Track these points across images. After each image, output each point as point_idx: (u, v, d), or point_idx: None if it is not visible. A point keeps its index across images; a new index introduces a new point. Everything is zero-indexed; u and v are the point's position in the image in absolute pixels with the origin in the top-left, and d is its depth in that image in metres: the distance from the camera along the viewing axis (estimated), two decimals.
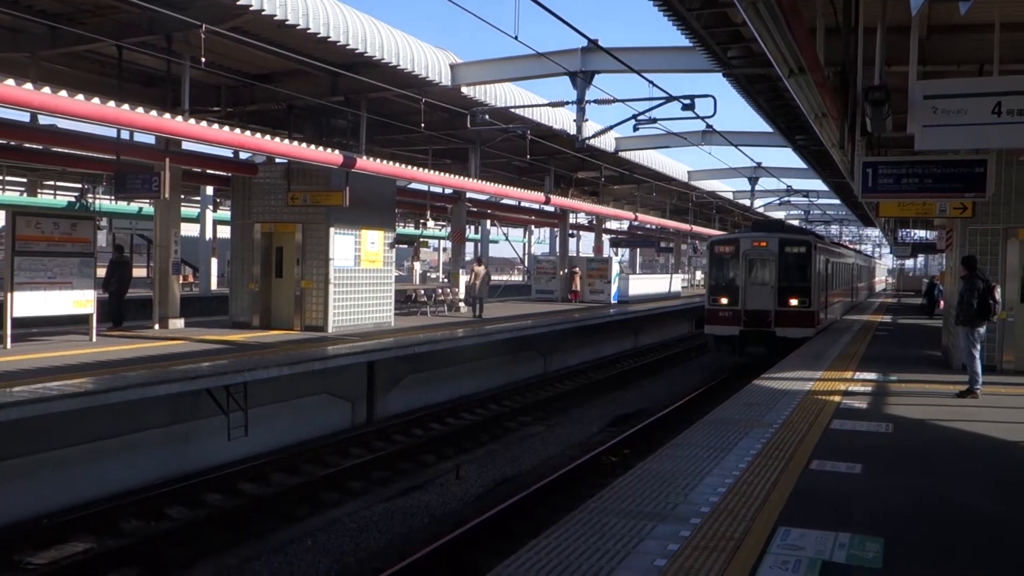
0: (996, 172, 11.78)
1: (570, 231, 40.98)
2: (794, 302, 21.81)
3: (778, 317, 21.84)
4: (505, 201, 35.54)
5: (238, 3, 14.14)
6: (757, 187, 38.03)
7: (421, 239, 50.83)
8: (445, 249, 58.99)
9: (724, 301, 22.38)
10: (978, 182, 10.97)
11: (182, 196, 20.32)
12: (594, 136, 20.90)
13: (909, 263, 77.20)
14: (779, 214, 50.49)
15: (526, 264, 57.88)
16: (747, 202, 43.99)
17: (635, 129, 18.88)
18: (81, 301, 15.31)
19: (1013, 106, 8.51)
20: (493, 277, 28.96)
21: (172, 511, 10.77)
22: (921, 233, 49.43)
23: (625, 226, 49.98)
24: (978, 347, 12.43)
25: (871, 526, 6.24)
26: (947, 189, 11.19)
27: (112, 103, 12.81)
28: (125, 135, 17.27)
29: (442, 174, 24.35)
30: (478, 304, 24.10)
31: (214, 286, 33.23)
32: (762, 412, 10.88)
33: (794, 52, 9.05)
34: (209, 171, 20.55)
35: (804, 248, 22.27)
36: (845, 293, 33.54)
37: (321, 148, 17.53)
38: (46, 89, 11.71)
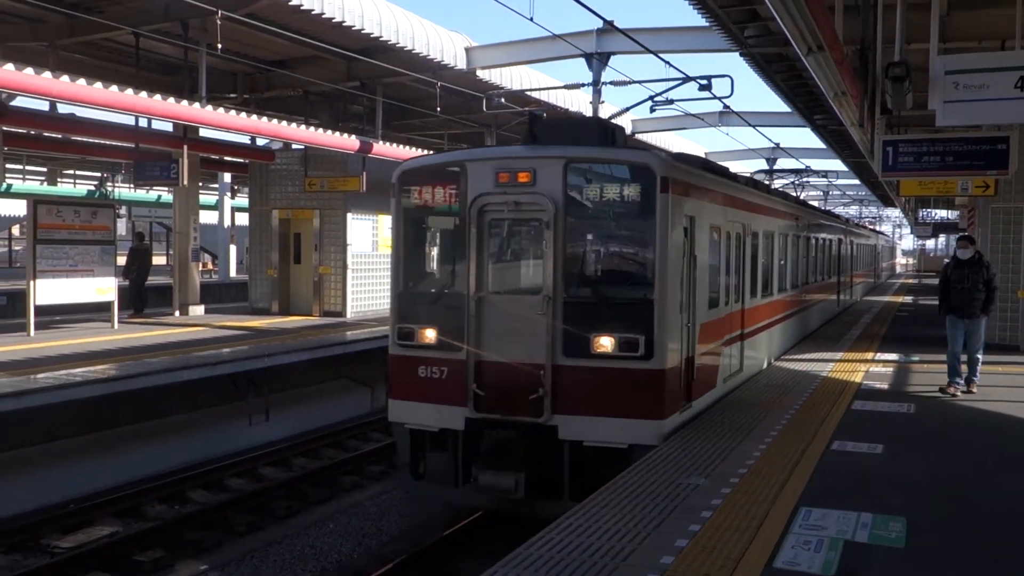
0: (1019, 149, 11.64)
1: None
2: (606, 344, 8.24)
3: (561, 387, 8.33)
4: None
5: None
6: (775, 168, 37.71)
7: None
8: None
9: (429, 336, 8.84)
10: (1000, 159, 10.83)
11: (200, 183, 20.41)
12: (610, 118, 20.77)
13: (930, 243, 76.52)
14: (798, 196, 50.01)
15: None
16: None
17: (652, 111, 18.70)
18: (103, 288, 15.45)
19: None
20: None
21: (195, 495, 10.87)
22: (942, 213, 48.97)
23: None
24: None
25: (893, 506, 6.22)
26: (969, 166, 11.05)
27: (130, 91, 12.88)
28: (143, 123, 17.33)
29: None
30: None
31: (233, 273, 33.38)
32: (781, 393, 10.84)
33: (812, 30, 8.96)
34: (226, 158, 20.64)
35: (636, 188, 8.41)
36: (805, 303, 17.10)
37: (337, 134, 17.55)
38: (65, 78, 11.78)
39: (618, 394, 8.16)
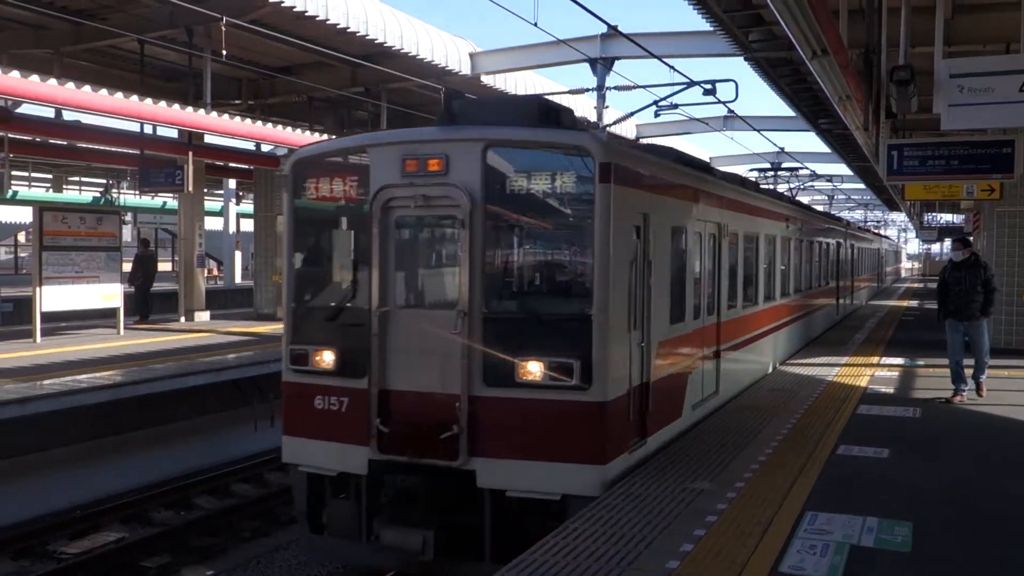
0: None
1: None
2: (534, 370, 6.72)
3: (480, 423, 6.83)
4: None
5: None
6: (766, 167, 37.70)
7: None
8: None
9: (326, 360, 7.39)
10: (1006, 162, 10.83)
11: (205, 190, 20.47)
12: (615, 123, 20.80)
13: (936, 247, 76.48)
14: (802, 199, 49.81)
15: None
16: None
17: (656, 115, 18.73)
18: (108, 295, 15.49)
19: None
20: None
21: (201, 501, 10.88)
22: (948, 217, 48.87)
23: None
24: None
25: (899, 510, 6.20)
26: (974, 170, 11.05)
27: (135, 98, 12.92)
28: (148, 130, 17.40)
29: None
30: None
31: (238, 279, 33.48)
32: (787, 398, 10.81)
33: (817, 34, 8.95)
34: (232, 164, 20.71)
35: (571, 177, 6.91)
36: (798, 312, 15.76)
37: None
38: (70, 85, 11.82)
39: (549, 432, 6.70)
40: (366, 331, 7.04)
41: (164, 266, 36.34)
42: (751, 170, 24.87)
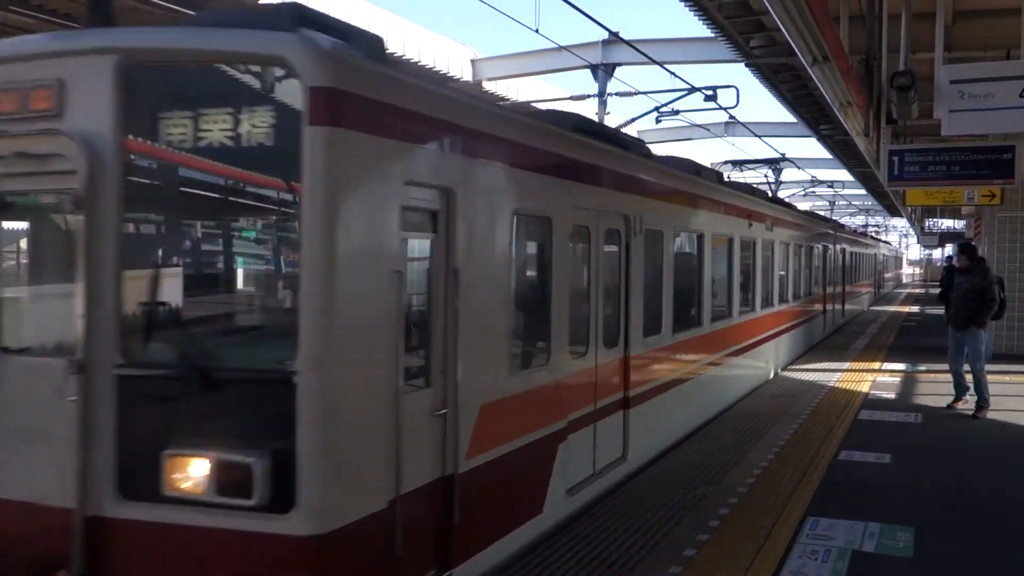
0: None
1: None
2: (196, 475, 3.68)
3: (109, 565, 3.77)
4: None
5: (259, 2, 14.27)
6: (781, 178, 37.70)
7: None
8: None
9: None
10: (1006, 168, 10.87)
11: None
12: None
13: (937, 253, 76.55)
14: (803, 205, 49.64)
15: None
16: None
17: (657, 121, 18.76)
18: None
19: None
20: None
21: None
22: (949, 222, 48.91)
23: None
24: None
25: (901, 515, 6.20)
26: (975, 176, 11.09)
27: None
28: None
29: None
30: None
31: None
32: (789, 403, 10.81)
33: (818, 40, 8.98)
34: None
35: (267, 115, 3.78)
36: (765, 331, 12.83)
37: None
38: None
39: None
40: None
41: None
42: (724, 163, 23.91)
